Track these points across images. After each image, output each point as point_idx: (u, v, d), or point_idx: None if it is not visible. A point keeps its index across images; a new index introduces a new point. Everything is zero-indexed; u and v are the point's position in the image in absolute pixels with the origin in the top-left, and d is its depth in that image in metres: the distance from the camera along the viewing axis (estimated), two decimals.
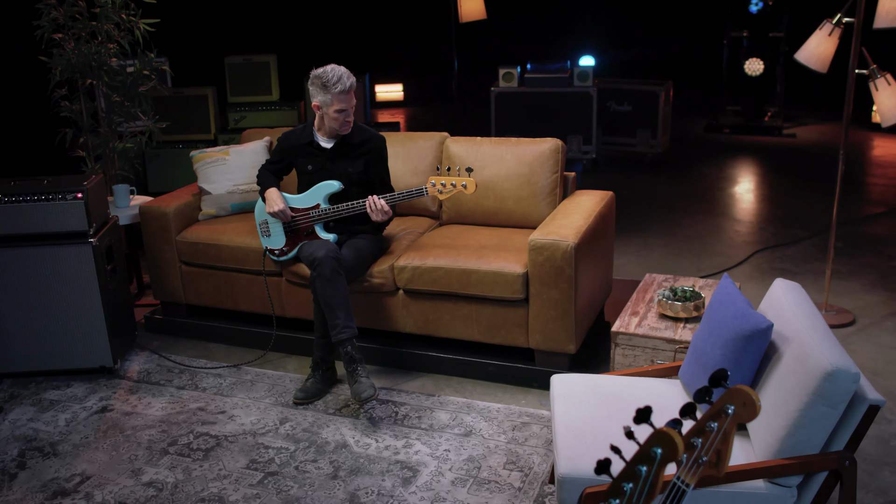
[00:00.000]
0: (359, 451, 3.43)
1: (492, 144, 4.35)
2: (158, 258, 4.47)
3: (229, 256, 4.28)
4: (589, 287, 3.91)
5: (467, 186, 3.70)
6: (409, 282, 3.93)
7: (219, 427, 3.67)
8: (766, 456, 2.45)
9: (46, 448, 3.56)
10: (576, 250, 3.62)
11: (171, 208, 4.42)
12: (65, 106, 5.01)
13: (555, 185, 4.21)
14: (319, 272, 3.68)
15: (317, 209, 3.93)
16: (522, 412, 3.69)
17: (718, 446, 1.53)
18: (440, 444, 3.46)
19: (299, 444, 3.51)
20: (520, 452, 3.38)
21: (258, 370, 4.18)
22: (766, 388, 2.56)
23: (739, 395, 1.50)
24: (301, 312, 4.23)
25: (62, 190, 3.88)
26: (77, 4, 4.80)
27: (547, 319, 3.75)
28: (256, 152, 4.58)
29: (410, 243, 4.14)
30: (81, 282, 3.95)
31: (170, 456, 3.46)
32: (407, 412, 3.72)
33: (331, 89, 3.72)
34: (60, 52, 4.82)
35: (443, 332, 3.99)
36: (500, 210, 4.27)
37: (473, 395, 3.86)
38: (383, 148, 4.00)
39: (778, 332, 2.62)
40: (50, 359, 4.06)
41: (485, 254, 3.87)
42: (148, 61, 5.03)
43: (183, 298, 4.52)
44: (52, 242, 3.91)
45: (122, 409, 3.85)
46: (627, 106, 7.78)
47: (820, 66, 4.17)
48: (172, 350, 4.41)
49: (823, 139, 8.69)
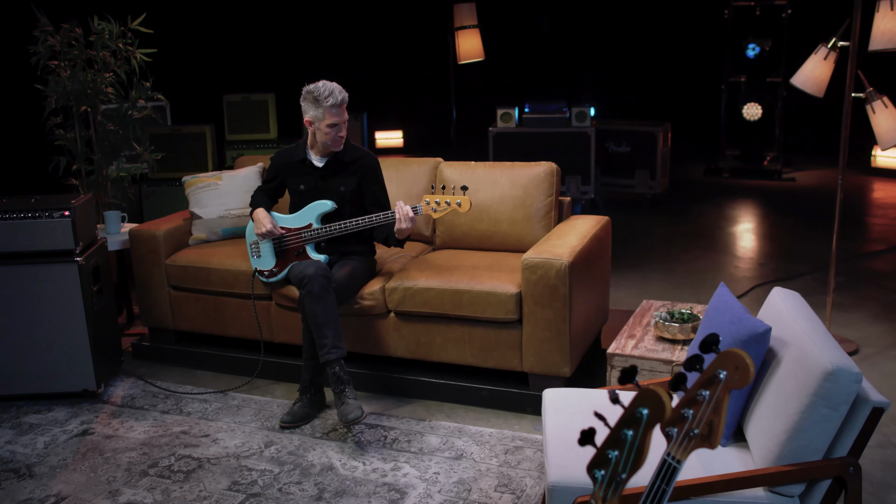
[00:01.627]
0: (345, 474, 3.31)
1: (486, 168, 4.30)
2: (147, 282, 4.39)
3: (218, 280, 4.20)
4: (584, 309, 3.82)
5: (461, 205, 3.64)
6: (401, 303, 3.84)
7: (201, 450, 3.55)
8: (766, 463, 2.33)
9: (22, 469, 3.43)
10: (570, 269, 3.54)
11: (161, 231, 4.36)
12: (59, 134, 4.98)
13: (550, 209, 4.15)
14: (308, 289, 3.60)
15: (309, 229, 3.87)
16: (515, 436, 3.57)
17: (710, 417, 1.43)
18: (429, 467, 3.34)
19: (284, 466, 3.39)
20: (512, 475, 3.26)
21: (245, 396, 4.07)
22: (765, 394, 2.45)
23: (731, 358, 1.41)
24: (290, 337, 4.13)
25: (49, 207, 3.82)
26: (73, 31, 4.81)
27: (541, 340, 3.65)
28: (249, 178, 4.54)
29: (402, 266, 4.06)
30: (66, 302, 3.87)
31: (149, 478, 3.33)
32: (396, 436, 3.60)
33: (322, 103, 3.69)
34: (56, 78, 4.82)
35: (434, 355, 3.89)
36: (495, 233, 4.21)
37: (465, 420, 3.74)
38: (376, 167, 3.96)
39: (776, 337, 2.53)
40: (32, 381, 3.96)
41: (477, 274, 3.80)
42: (143, 90, 5.02)
43: (171, 324, 4.43)
44: (37, 261, 3.84)
45: (104, 432, 3.74)
46: (626, 147, 7.78)
47: (816, 91, 4.14)
48: (159, 377, 4.31)
49: (823, 183, 8.66)
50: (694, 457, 2.51)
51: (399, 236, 3.75)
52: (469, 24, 6.99)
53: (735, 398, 2.53)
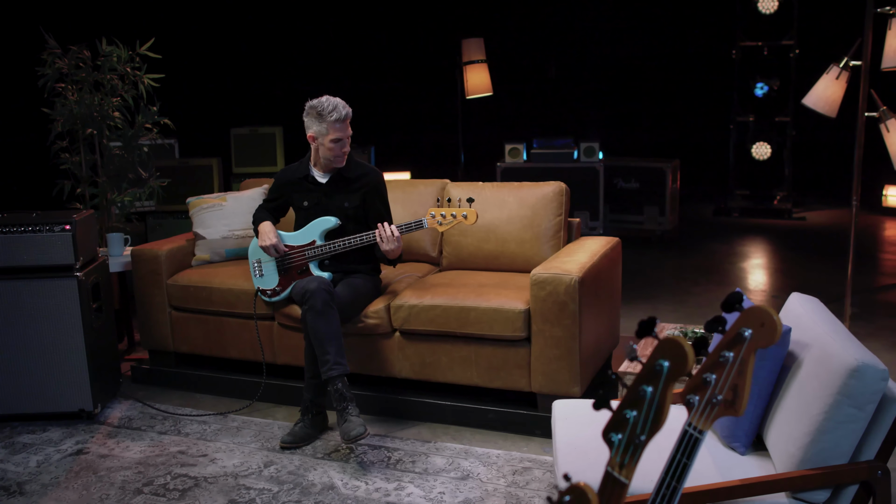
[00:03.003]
0: (347, 493, 3.18)
1: (493, 188, 4.24)
2: (148, 303, 4.31)
3: (220, 299, 4.12)
4: (594, 328, 3.72)
5: (468, 217, 3.57)
6: (406, 321, 3.75)
7: (199, 469, 3.43)
8: (789, 468, 2.22)
9: (13, 487, 3.32)
10: (580, 284, 3.45)
11: (164, 251, 4.29)
12: (64, 158, 4.96)
13: (558, 228, 4.08)
14: (311, 304, 3.51)
15: (312, 246, 3.80)
16: (524, 457, 3.44)
17: (735, 380, 1.33)
18: (434, 487, 3.21)
19: (283, 485, 3.26)
20: (520, 496, 3.12)
21: (245, 418, 3.95)
22: (786, 398, 2.35)
23: (757, 315, 1.32)
24: (293, 359, 4.03)
25: (50, 221, 3.77)
26: (81, 53, 4.81)
27: (550, 359, 3.54)
28: (254, 199, 4.48)
29: (408, 285, 3.98)
30: (65, 318, 3.79)
31: (143, 496, 3.21)
32: (400, 457, 3.48)
33: (326, 118, 3.65)
34: (63, 101, 4.80)
35: (440, 376, 3.78)
36: (502, 253, 4.13)
37: (472, 442, 3.62)
38: (380, 183, 3.90)
39: (796, 340, 2.43)
40: (27, 400, 3.86)
41: (484, 292, 3.71)
42: (150, 115, 5.00)
43: (171, 346, 4.34)
44: (36, 276, 3.77)
45: (98, 451, 3.62)
46: (635, 183, 7.72)
47: (828, 110, 4.09)
48: (158, 400, 4.20)
49: (834, 222, 8.57)
50: (712, 463, 2.40)
51: (387, 256, 3.68)
52: (477, 59, 6.99)
53: (753, 404, 2.43)
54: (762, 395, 2.43)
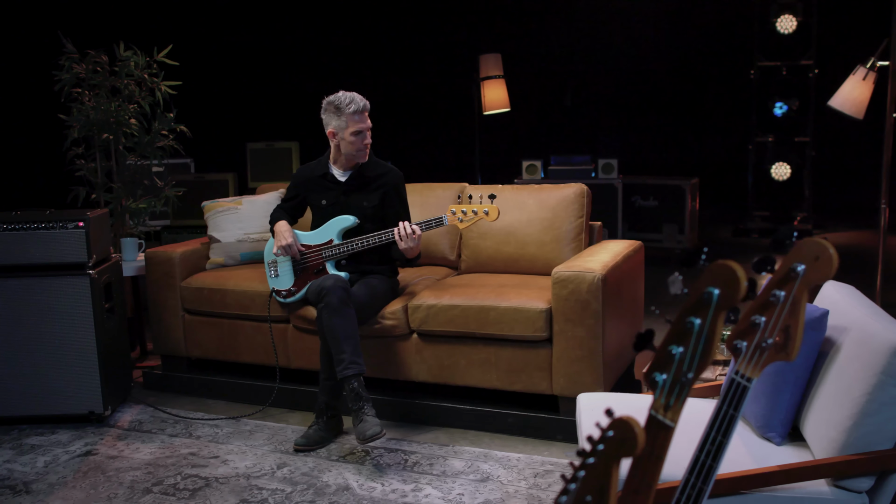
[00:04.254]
0: (362, 494, 3.07)
1: (513, 190, 4.17)
2: (161, 306, 4.24)
3: (234, 302, 4.04)
4: (617, 331, 3.62)
5: (489, 213, 3.49)
6: (424, 322, 3.66)
7: (210, 470, 3.33)
8: (830, 454, 2.10)
9: (19, 486, 3.23)
10: (603, 283, 3.36)
11: (178, 253, 4.23)
12: (80, 164, 4.92)
13: (580, 231, 3.99)
14: (327, 301, 3.42)
15: (329, 245, 3.72)
16: (545, 461, 3.33)
17: (787, 321, 1.24)
18: (453, 489, 3.10)
19: (297, 486, 3.16)
20: (543, 498, 3.01)
21: (258, 422, 3.86)
22: (825, 384, 2.24)
23: (810, 248, 1.23)
24: (307, 362, 3.94)
25: (64, 219, 3.71)
26: (99, 58, 4.79)
27: (572, 360, 3.44)
28: (269, 203, 4.42)
29: (426, 287, 3.89)
30: (76, 317, 3.72)
31: (152, 495, 3.11)
32: (417, 460, 3.37)
33: (344, 111, 3.59)
34: (79, 107, 4.78)
35: (458, 379, 3.68)
36: (522, 256, 4.04)
37: (491, 446, 3.50)
38: (400, 183, 3.83)
39: (833, 325, 2.32)
40: (37, 402, 3.78)
41: (504, 292, 3.62)
42: (167, 121, 4.97)
43: (184, 351, 4.26)
44: (49, 273, 3.71)
45: (107, 453, 3.53)
46: (653, 201, 7.63)
47: (855, 112, 4.01)
48: (169, 405, 4.10)
49: (856, 243, 8.43)
50: (746, 454, 2.28)
51: (406, 255, 3.60)
52: (495, 75, 6.96)
53: (789, 392, 2.32)
54: (798, 383, 2.32)
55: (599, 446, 1.07)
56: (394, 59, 8.13)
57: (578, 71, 8.67)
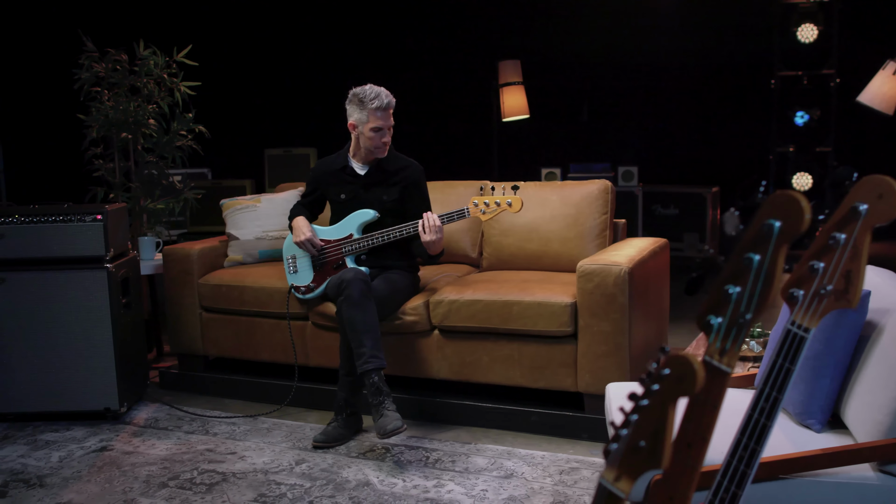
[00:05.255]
0: (383, 490, 2.99)
1: (536, 187, 4.10)
2: (178, 304, 4.19)
3: (252, 299, 3.98)
4: (643, 327, 3.53)
5: (512, 204, 3.42)
6: (446, 317, 3.58)
7: (227, 465, 3.26)
8: (874, 438, 2.01)
9: (33, 480, 3.16)
10: (630, 276, 3.28)
11: (196, 250, 4.18)
12: (98, 164, 4.89)
13: (604, 227, 3.92)
14: (347, 294, 3.36)
15: (349, 240, 3.66)
16: (570, 458, 3.24)
17: (848, 266, 1.17)
18: (476, 485, 3.01)
19: (316, 481, 3.08)
20: (569, 494, 2.92)
21: (276, 420, 3.78)
22: (867, 368, 2.15)
23: (872, 185, 1.15)
24: (326, 360, 3.87)
25: (82, 212, 3.67)
26: (119, 57, 4.78)
27: (597, 356, 3.35)
28: (288, 200, 4.36)
29: (448, 283, 3.82)
30: (93, 311, 3.67)
31: (168, 489, 3.04)
32: (439, 457, 3.29)
33: (367, 105, 3.54)
34: (98, 106, 4.76)
35: (481, 376, 3.60)
36: (545, 253, 3.96)
37: (515, 444, 3.42)
38: (421, 178, 3.77)
39: (874, 308, 2.24)
40: (52, 398, 3.72)
41: (528, 286, 3.54)
42: (186, 122, 4.94)
43: (201, 349, 4.20)
44: (66, 267, 3.66)
45: (123, 449, 3.47)
46: (674, 209, 7.55)
47: (885, 107, 3.93)
48: (186, 404, 4.04)
49: (880, 253, 8.30)
50: (785, 440, 2.19)
51: (429, 250, 3.53)
52: (514, 81, 6.92)
53: (829, 376, 2.22)
54: (839, 367, 2.23)
55: (654, 386, 1.00)
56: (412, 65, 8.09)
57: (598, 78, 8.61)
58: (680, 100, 9.30)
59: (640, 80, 8.91)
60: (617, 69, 8.36)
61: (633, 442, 1.01)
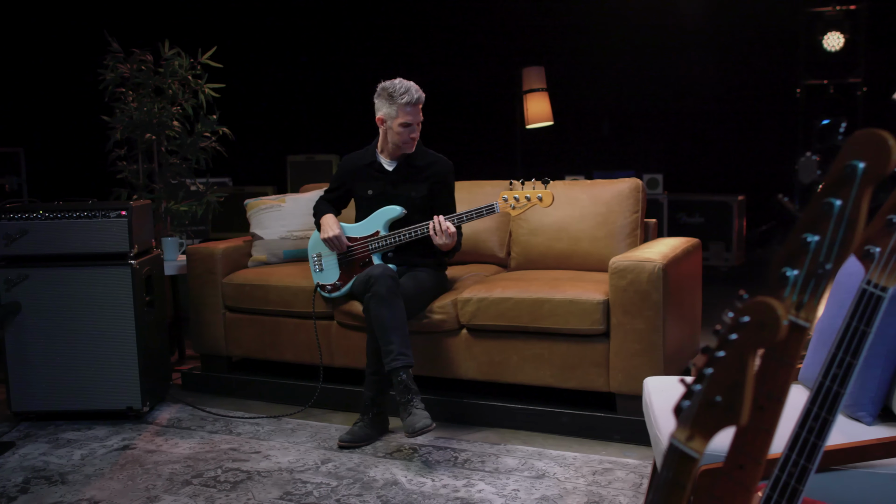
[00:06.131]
0: (412, 489, 2.91)
1: (564, 186, 4.03)
2: (202, 304, 4.14)
3: (277, 298, 3.93)
4: (677, 326, 3.45)
5: (543, 198, 3.35)
6: (474, 316, 3.51)
7: (251, 464, 3.19)
8: None
9: (55, 477, 3.11)
10: (664, 272, 3.20)
11: (220, 250, 4.14)
12: (121, 166, 4.87)
13: (635, 226, 3.84)
14: (375, 290, 3.29)
15: (376, 237, 3.60)
16: (603, 459, 3.15)
17: None
18: (507, 485, 2.93)
19: (342, 480, 3.01)
20: (603, 494, 2.83)
21: (300, 421, 3.72)
22: None
23: None
24: (351, 360, 3.80)
25: (106, 207, 3.64)
26: (144, 57, 4.76)
27: (630, 355, 3.27)
28: (313, 201, 4.29)
29: (476, 282, 3.75)
30: (116, 308, 3.62)
31: (192, 486, 2.98)
32: (468, 457, 3.21)
33: (397, 100, 3.49)
34: (122, 107, 4.74)
35: (510, 376, 3.52)
36: (575, 253, 3.89)
37: (545, 445, 3.33)
38: (450, 174, 3.71)
39: None
40: (73, 396, 3.67)
41: (559, 284, 3.47)
42: (210, 123, 4.91)
43: (224, 350, 4.14)
44: (89, 263, 3.62)
45: (145, 447, 3.41)
46: (699, 218, 7.45)
47: None
48: (209, 405, 3.98)
49: None
50: (836, 431, 2.09)
51: (441, 249, 3.48)
52: (538, 88, 6.87)
53: (881, 367, 2.13)
54: (890, 356, 2.14)
55: (731, 336, 0.92)
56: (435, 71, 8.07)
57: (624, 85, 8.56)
58: (706, 107, 9.23)
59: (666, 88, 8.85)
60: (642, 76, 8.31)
61: (707, 397, 0.94)
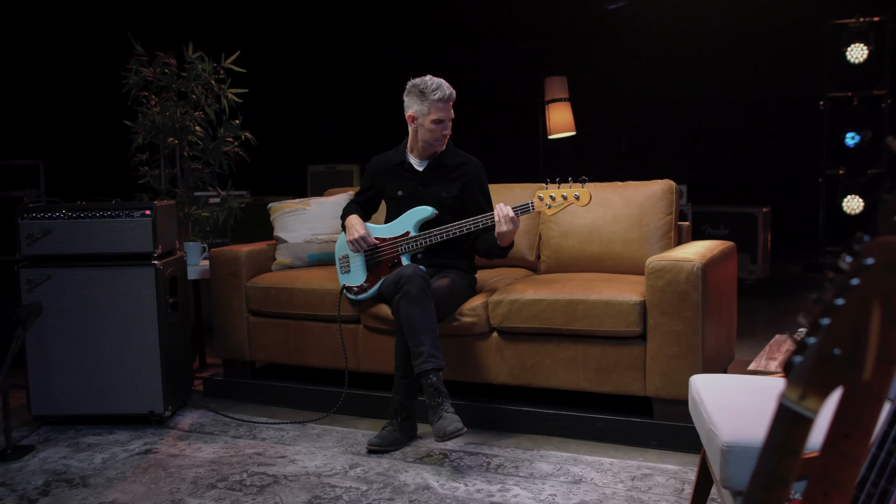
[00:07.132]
0: (444, 493, 2.81)
1: (596, 188, 3.93)
2: (225, 308, 4.06)
3: (302, 301, 3.85)
4: (715, 329, 3.34)
5: (580, 197, 3.27)
6: (506, 318, 3.41)
7: (277, 468, 3.10)
8: None
9: (76, 480, 3.02)
10: (703, 272, 3.10)
11: (244, 252, 4.06)
12: (144, 171, 4.82)
13: (669, 228, 3.75)
14: (405, 291, 3.20)
15: (406, 237, 3.52)
16: (641, 465, 3.04)
17: None
18: (543, 490, 2.82)
19: (372, 484, 2.91)
20: (644, 500, 2.72)
21: (325, 426, 3.62)
22: None
23: None
24: (378, 365, 3.71)
25: (130, 207, 3.57)
26: (168, 60, 4.71)
27: (668, 357, 3.16)
28: (338, 204, 4.24)
29: (508, 283, 3.66)
30: (139, 309, 3.55)
31: (217, 490, 2.89)
32: (501, 462, 3.10)
33: (429, 96, 3.42)
34: (144, 110, 4.69)
35: (542, 380, 3.42)
36: (607, 255, 3.79)
37: (579, 451, 3.22)
38: (481, 174, 3.63)
39: None
40: (94, 400, 3.59)
41: (594, 285, 3.37)
42: (233, 128, 4.85)
43: (248, 355, 4.06)
44: (113, 263, 3.56)
45: (168, 451, 3.32)
46: (724, 229, 7.33)
47: None
48: (232, 411, 3.89)
49: None
50: None
51: (500, 242, 3.36)
52: (560, 98, 6.80)
53: None
54: None
55: (852, 281, 0.83)
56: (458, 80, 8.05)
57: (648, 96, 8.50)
58: (730, 119, 9.15)
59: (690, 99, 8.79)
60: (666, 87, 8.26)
61: (824, 350, 0.85)
